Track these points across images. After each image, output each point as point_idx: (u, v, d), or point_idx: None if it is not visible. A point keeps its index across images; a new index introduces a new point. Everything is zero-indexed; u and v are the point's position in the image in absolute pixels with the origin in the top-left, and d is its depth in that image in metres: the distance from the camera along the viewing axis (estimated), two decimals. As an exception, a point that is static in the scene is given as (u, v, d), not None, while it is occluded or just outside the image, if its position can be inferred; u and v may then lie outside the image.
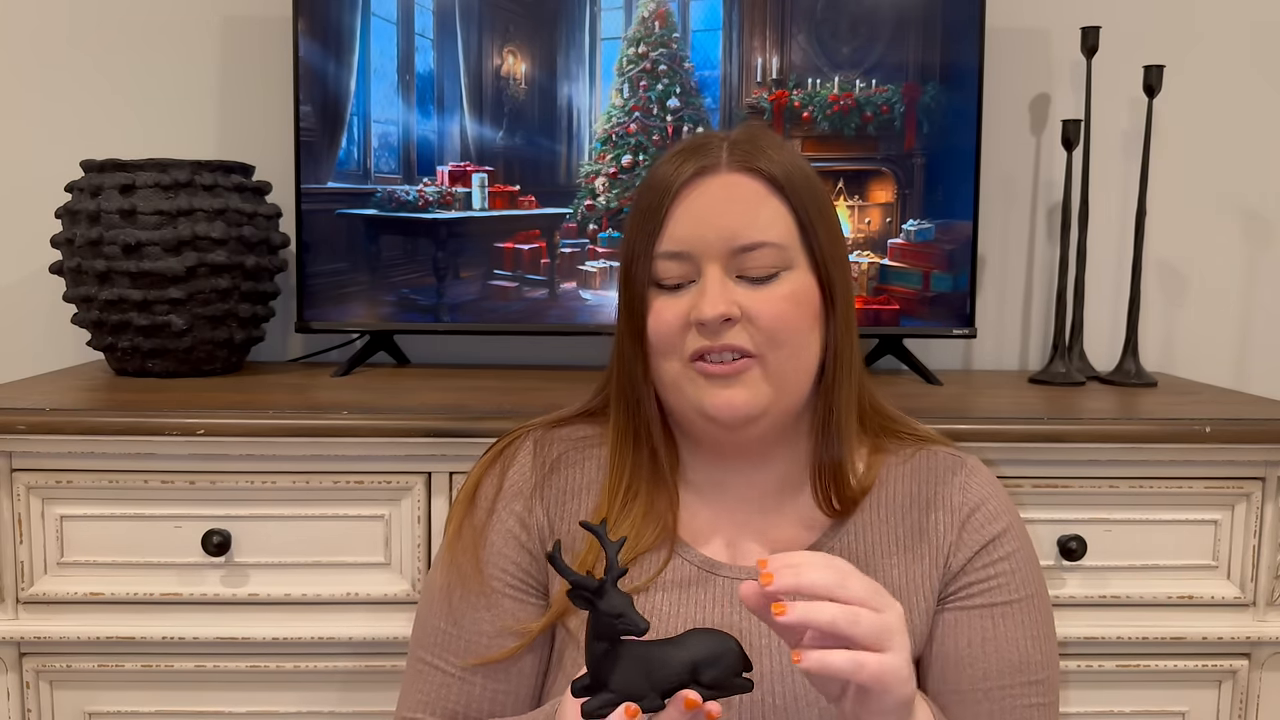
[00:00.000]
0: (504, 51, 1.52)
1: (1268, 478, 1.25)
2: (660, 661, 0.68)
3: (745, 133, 0.89)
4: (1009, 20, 1.66)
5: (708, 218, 0.85)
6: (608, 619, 0.67)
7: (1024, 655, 0.88)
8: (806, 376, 0.87)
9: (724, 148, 0.87)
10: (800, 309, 0.85)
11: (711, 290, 0.83)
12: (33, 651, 1.23)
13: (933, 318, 1.55)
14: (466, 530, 0.92)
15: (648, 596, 0.87)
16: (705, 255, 0.84)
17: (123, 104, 1.68)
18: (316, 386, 1.43)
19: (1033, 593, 0.90)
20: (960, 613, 0.89)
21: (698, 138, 0.90)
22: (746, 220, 0.84)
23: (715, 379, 0.84)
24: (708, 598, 0.88)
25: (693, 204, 0.85)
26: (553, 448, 0.95)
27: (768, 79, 1.51)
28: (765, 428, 0.87)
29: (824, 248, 0.87)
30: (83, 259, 1.42)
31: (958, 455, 0.95)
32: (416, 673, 0.93)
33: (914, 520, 0.91)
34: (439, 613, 0.92)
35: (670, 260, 0.86)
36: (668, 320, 0.85)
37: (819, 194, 0.88)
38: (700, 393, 0.85)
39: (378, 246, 1.53)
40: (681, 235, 0.85)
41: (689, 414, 0.88)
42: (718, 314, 0.82)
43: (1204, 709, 1.29)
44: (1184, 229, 1.74)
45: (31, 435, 1.18)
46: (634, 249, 0.87)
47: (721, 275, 0.84)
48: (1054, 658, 0.90)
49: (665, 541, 0.89)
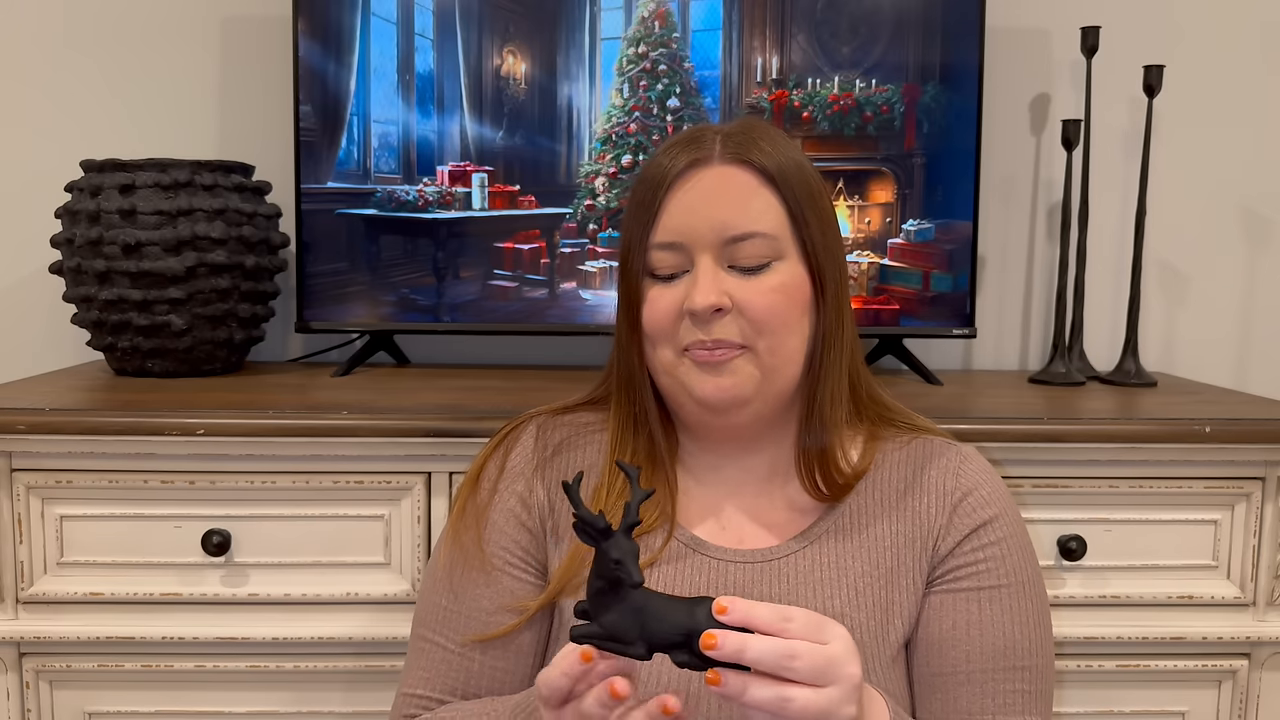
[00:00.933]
0: (504, 51, 1.52)
1: (1268, 478, 1.25)
2: (658, 616, 0.68)
3: (740, 125, 0.91)
4: (1009, 20, 1.66)
5: (700, 209, 0.87)
6: (607, 562, 0.68)
7: (1009, 640, 0.88)
8: (794, 365, 0.89)
9: (717, 140, 0.89)
10: (790, 299, 0.87)
11: (703, 281, 0.85)
12: (33, 651, 1.23)
13: (933, 318, 1.55)
14: (470, 510, 0.95)
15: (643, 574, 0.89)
16: (697, 246, 0.87)
17: (123, 104, 1.68)
18: (316, 386, 1.43)
19: (1023, 580, 0.90)
20: (946, 595, 0.90)
21: (693, 130, 0.92)
22: (737, 211, 0.86)
23: (706, 366, 0.87)
24: (692, 573, 0.90)
25: (685, 195, 0.87)
26: (555, 432, 0.97)
27: (768, 79, 1.51)
28: (754, 414, 0.89)
29: (815, 239, 0.88)
30: (83, 259, 1.42)
31: (953, 444, 0.96)
32: (418, 650, 0.94)
33: (907, 504, 0.92)
34: (441, 590, 0.94)
35: (664, 251, 0.88)
36: (661, 310, 0.88)
37: (812, 186, 0.90)
38: (691, 378, 0.87)
39: (378, 246, 1.53)
40: (674, 226, 0.87)
41: (681, 398, 0.90)
42: (708, 304, 0.85)
43: (1204, 709, 1.28)
44: (1184, 229, 1.74)
45: (31, 435, 1.18)
46: (630, 240, 0.90)
47: (713, 266, 0.86)
48: (1044, 647, 0.90)
49: (664, 523, 0.91)
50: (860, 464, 0.93)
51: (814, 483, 0.91)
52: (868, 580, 0.89)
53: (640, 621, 0.68)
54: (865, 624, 0.87)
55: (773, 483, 0.94)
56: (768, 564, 0.90)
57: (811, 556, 0.90)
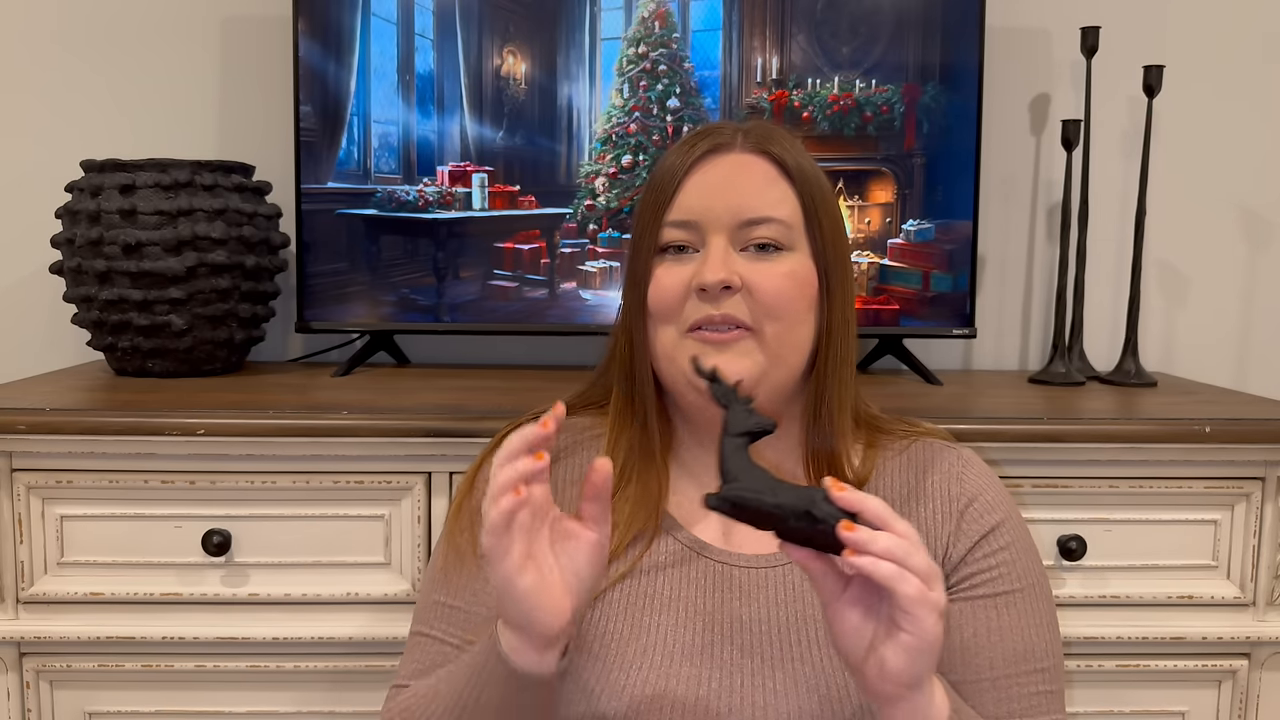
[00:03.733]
0: (504, 51, 1.52)
1: (1268, 478, 1.25)
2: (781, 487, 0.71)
3: (758, 123, 0.93)
4: (1009, 20, 1.67)
5: (718, 190, 0.88)
6: (745, 412, 0.73)
7: (1029, 644, 0.88)
8: (799, 355, 0.89)
9: (739, 133, 0.91)
10: (799, 287, 0.88)
11: (714, 258, 0.86)
12: (33, 651, 1.23)
13: (933, 318, 1.55)
14: (465, 510, 0.94)
15: (638, 577, 0.88)
16: (712, 226, 0.87)
17: (123, 104, 1.68)
18: (316, 386, 1.43)
19: (1034, 581, 0.91)
20: (964, 603, 0.89)
21: (711, 125, 0.93)
22: (755, 195, 0.88)
23: (710, 345, 0.87)
24: (698, 576, 0.89)
25: (704, 178, 0.89)
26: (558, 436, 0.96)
27: (768, 79, 1.52)
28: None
29: (825, 239, 0.89)
30: (83, 259, 1.42)
31: (952, 446, 0.96)
32: (414, 644, 0.94)
33: (911, 511, 0.92)
34: (437, 588, 0.93)
35: (677, 229, 0.89)
36: (668, 287, 0.88)
37: (825, 189, 0.91)
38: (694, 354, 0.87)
39: (378, 246, 1.53)
40: (690, 205, 0.88)
41: (680, 385, 0.89)
42: (719, 279, 0.85)
43: (1204, 709, 1.29)
44: (1184, 229, 1.74)
45: (31, 435, 1.18)
46: (643, 221, 0.90)
47: (726, 245, 0.87)
48: (1057, 646, 0.91)
49: (651, 524, 0.91)
50: (863, 470, 0.93)
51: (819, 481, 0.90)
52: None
53: (770, 485, 0.71)
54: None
55: None
56: (772, 569, 0.89)
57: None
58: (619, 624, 0.87)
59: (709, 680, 0.84)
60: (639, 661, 0.85)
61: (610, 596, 0.88)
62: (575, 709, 0.85)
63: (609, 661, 0.85)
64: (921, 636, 0.69)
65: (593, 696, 0.84)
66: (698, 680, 0.84)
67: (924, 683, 0.72)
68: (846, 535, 0.68)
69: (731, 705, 0.84)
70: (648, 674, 0.84)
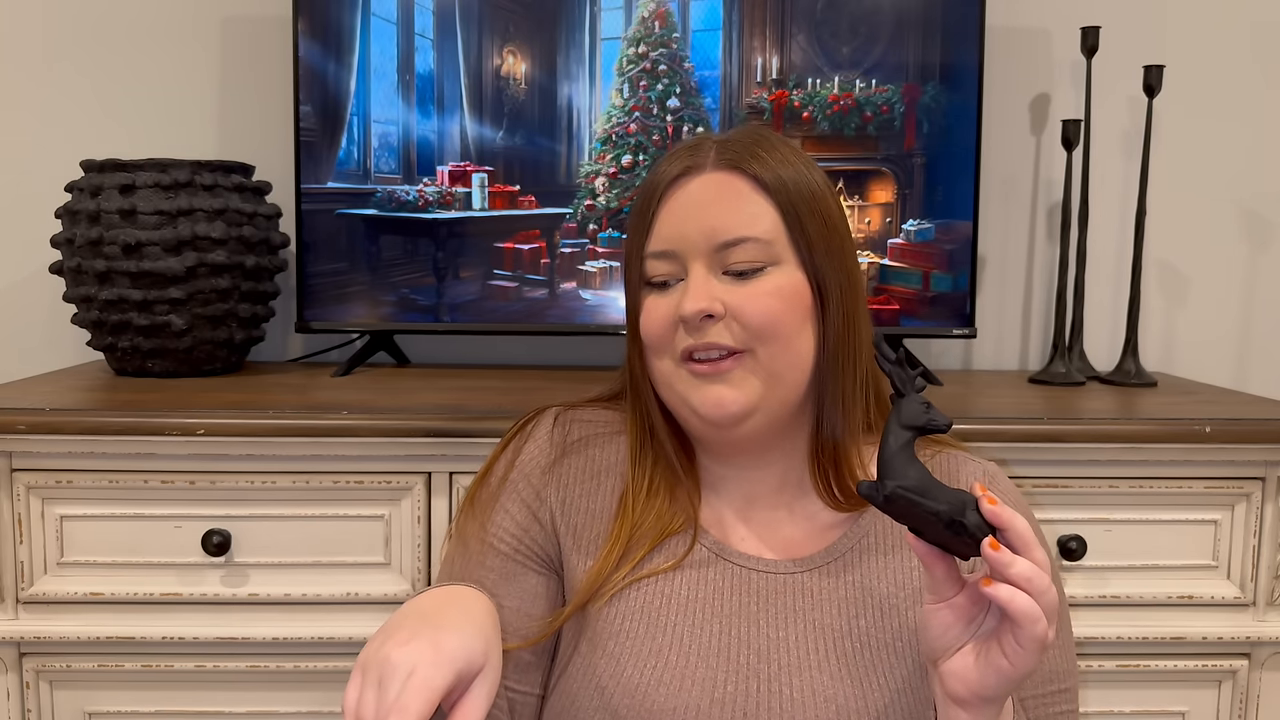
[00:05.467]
0: (504, 51, 1.52)
1: (1268, 478, 1.25)
2: (938, 489, 0.70)
3: (740, 133, 0.90)
4: (1009, 20, 1.67)
5: (691, 216, 0.86)
6: (920, 406, 0.72)
7: (1055, 667, 0.89)
8: (799, 373, 0.87)
9: (713, 148, 0.88)
10: (787, 304, 0.85)
11: (694, 287, 0.84)
12: (33, 651, 1.23)
13: (933, 318, 1.55)
14: (478, 501, 0.94)
15: (657, 577, 0.88)
16: (690, 253, 0.86)
17: (123, 104, 1.68)
18: (316, 386, 1.43)
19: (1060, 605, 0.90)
20: None
21: (694, 139, 0.91)
22: (727, 216, 0.85)
23: (703, 377, 0.85)
24: (716, 579, 0.89)
25: (677, 203, 0.87)
26: (573, 428, 0.96)
27: (768, 79, 1.51)
28: (758, 425, 0.87)
29: (815, 245, 0.86)
30: (83, 259, 1.42)
31: (978, 461, 0.95)
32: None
33: None
34: (444, 576, 0.93)
35: (658, 260, 0.87)
36: (657, 319, 0.87)
37: (812, 193, 0.88)
38: (689, 390, 0.86)
39: (378, 246, 1.53)
40: (667, 234, 0.87)
41: (682, 412, 0.88)
42: (697, 310, 0.83)
43: (1204, 709, 1.29)
44: (1184, 229, 1.74)
45: (31, 435, 1.18)
46: (629, 250, 0.90)
47: (705, 272, 0.85)
48: (1075, 665, 0.91)
49: (689, 527, 0.90)
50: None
51: (829, 489, 0.90)
52: (894, 601, 0.87)
53: (931, 486, 0.70)
54: (892, 645, 0.86)
55: (783, 495, 0.92)
56: (791, 576, 0.88)
57: (836, 573, 0.88)
58: (635, 622, 0.86)
59: (724, 683, 0.84)
60: (654, 661, 0.85)
61: (628, 595, 0.87)
62: (588, 705, 0.85)
63: (623, 659, 0.85)
64: (1021, 669, 0.70)
65: (605, 693, 0.84)
66: (713, 683, 0.84)
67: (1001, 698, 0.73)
68: (990, 554, 0.69)
69: (746, 710, 0.83)
70: (662, 673, 0.84)
